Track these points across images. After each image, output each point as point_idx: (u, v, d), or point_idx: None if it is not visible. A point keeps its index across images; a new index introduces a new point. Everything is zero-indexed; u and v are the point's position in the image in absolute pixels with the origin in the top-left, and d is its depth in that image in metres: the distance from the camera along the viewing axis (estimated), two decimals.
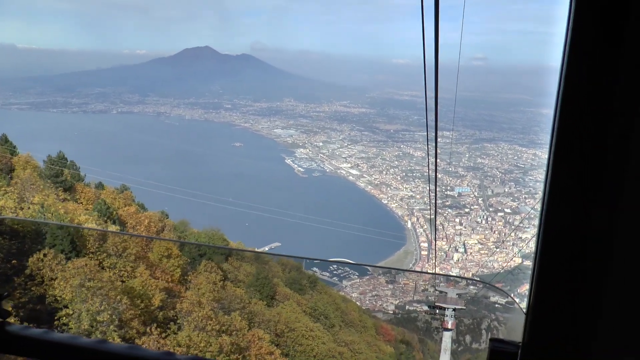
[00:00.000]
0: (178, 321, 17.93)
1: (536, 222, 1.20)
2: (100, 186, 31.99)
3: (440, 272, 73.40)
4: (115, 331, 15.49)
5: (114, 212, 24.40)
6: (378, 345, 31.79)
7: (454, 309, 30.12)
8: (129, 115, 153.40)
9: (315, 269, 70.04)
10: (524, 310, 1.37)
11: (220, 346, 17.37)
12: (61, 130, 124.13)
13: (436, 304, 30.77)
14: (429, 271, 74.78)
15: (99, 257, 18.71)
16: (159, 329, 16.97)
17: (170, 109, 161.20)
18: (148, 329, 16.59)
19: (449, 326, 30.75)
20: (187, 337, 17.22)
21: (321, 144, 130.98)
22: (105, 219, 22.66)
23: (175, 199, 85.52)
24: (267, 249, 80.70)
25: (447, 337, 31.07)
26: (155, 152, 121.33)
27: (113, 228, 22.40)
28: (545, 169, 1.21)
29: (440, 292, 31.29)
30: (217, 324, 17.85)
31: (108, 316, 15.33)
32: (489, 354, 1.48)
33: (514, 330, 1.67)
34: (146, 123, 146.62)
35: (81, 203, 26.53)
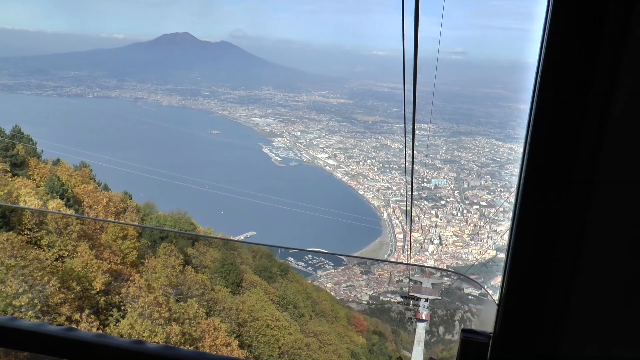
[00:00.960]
0: (123, 307, 16.30)
1: (511, 215, 1.26)
2: (57, 163, 29.82)
3: (415, 263, 73.25)
4: (37, 317, 13.40)
5: (69, 190, 22.46)
6: (350, 336, 30.73)
7: (428, 300, 29.16)
8: (106, 100, 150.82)
9: (290, 258, 69.89)
10: (496, 301, 1.39)
11: (168, 335, 15.63)
12: (34, 113, 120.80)
13: (410, 293, 29.80)
14: (404, 262, 74.49)
15: (36, 235, 16.82)
16: (97, 316, 15.22)
17: (147, 94, 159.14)
18: (80, 316, 14.80)
19: (423, 317, 29.83)
20: (129, 326, 15.62)
21: (299, 133, 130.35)
22: (54, 195, 20.71)
23: (150, 184, 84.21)
24: (242, 237, 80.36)
25: (420, 329, 30.15)
26: (131, 137, 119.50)
27: (63, 208, 20.50)
28: (520, 163, 1.24)
29: (415, 282, 30.41)
30: (167, 311, 16.23)
31: (28, 300, 13.39)
32: (461, 344, 1.50)
33: (486, 321, 1.57)
34: (123, 108, 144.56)
35: (34, 180, 24.47)
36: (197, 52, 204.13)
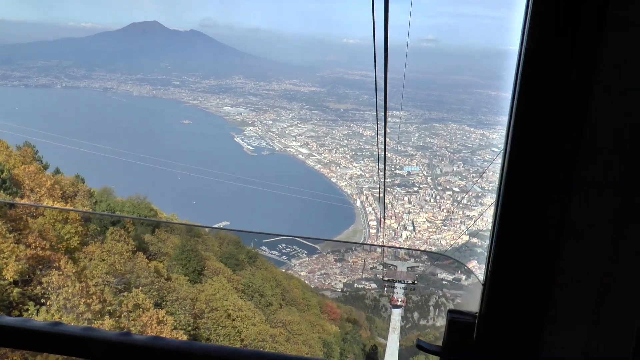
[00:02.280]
0: (45, 300, 14.06)
1: (484, 200, 1.31)
2: None
3: (404, 246, 72.87)
4: None
5: (5, 171, 20.10)
6: (322, 324, 29.37)
7: (405, 284, 27.91)
8: (74, 90, 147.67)
9: (264, 247, 69.35)
10: (482, 281, 1.42)
11: None
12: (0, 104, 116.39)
13: (385, 277, 28.52)
14: (385, 245, 73.82)
15: None
16: (9, 311, 13.06)
17: (117, 84, 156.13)
18: None
19: (399, 303, 28.58)
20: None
21: (270, 122, 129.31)
22: None
23: (120, 173, 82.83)
24: (215, 227, 78.67)
25: (396, 315, 29.00)
26: (102, 128, 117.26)
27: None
28: (504, 145, 1.26)
29: (390, 265, 29.18)
30: (100, 303, 14.20)
31: None
32: (447, 324, 1.52)
33: (462, 306, 1.59)
34: (92, 99, 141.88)
35: None
36: (166, 41, 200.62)
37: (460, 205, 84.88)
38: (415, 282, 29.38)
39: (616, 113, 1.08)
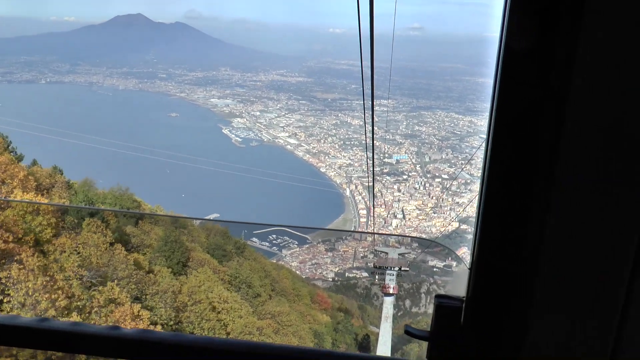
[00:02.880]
0: (2, 297, 13.13)
1: (473, 187, 1.33)
2: None
3: (395, 233, 72.99)
4: None
5: None
6: (313, 314, 28.80)
7: (396, 271, 27.29)
8: (59, 85, 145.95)
9: (254, 239, 69.43)
10: (468, 266, 1.45)
11: None
12: None
13: (375, 265, 27.91)
14: (376, 232, 73.70)
15: None
16: None
17: (102, 78, 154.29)
18: None
19: (391, 291, 28.04)
20: None
21: (258, 113, 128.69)
22: None
23: (108, 167, 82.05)
24: (209, 219, 78.90)
25: (388, 303, 28.46)
26: (87, 122, 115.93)
27: None
28: (487, 131, 1.29)
29: (381, 252, 28.60)
30: (66, 299, 13.29)
31: None
32: (435, 309, 1.56)
33: (453, 293, 1.62)
34: (78, 93, 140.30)
35: None
36: (151, 33, 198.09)
37: (450, 192, 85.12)
38: (407, 269, 28.83)
39: (597, 103, 1.09)
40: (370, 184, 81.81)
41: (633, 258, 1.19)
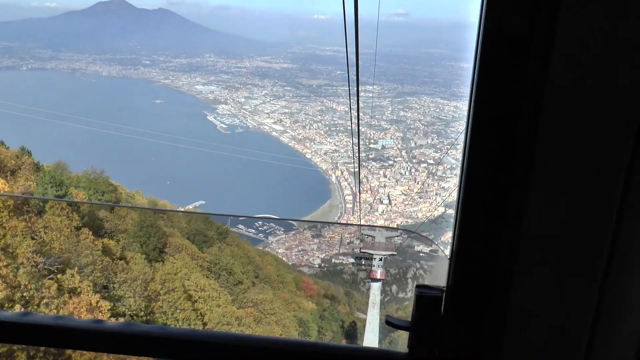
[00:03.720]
0: None
1: (458, 172, 1.37)
2: None
3: (365, 224, 72.93)
4: None
5: None
6: (297, 302, 27.92)
7: (383, 258, 26.44)
8: (41, 72, 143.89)
9: (240, 226, 69.24)
10: (448, 256, 1.47)
11: None
12: None
13: (363, 250, 27.04)
14: (354, 223, 73.52)
15: None
16: None
17: (85, 65, 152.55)
18: None
19: (378, 276, 27.27)
20: None
21: (243, 99, 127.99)
22: None
23: (92, 155, 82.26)
24: (191, 207, 79.16)
25: (375, 289, 27.75)
26: (70, 108, 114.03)
27: None
28: (465, 121, 1.31)
29: (368, 236, 27.74)
30: (8, 289, 11.93)
31: None
32: (415, 299, 1.58)
33: (439, 278, 1.64)
34: (60, 80, 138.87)
35: None
36: (134, 19, 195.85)
37: (436, 177, 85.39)
38: (395, 253, 28.03)
39: (575, 90, 1.11)
40: (356, 169, 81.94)
41: (607, 251, 1.21)
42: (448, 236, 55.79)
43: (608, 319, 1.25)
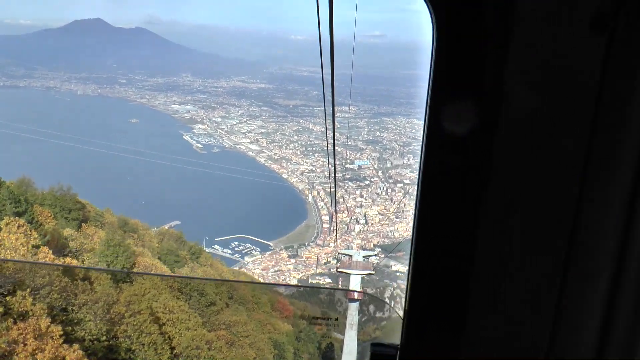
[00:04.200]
0: None
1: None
2: None
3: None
4: None
5: None
6: (273, 323, 26.96)
7: (362, 275, 25.94)
8: (14, 90, 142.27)
9: (216, 246, 68.00)
10: (401, 315, 1.49)
11: None
12: None
13: (339, 270, 26.51)
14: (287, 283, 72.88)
15: None
16: None
17: (60, 83, 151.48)
18: None
19: (355, 296, 26.59)
20: None
21: (220, 119, 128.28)
22: None
23: (65, 175, 79.96)
24: (166, 227, 77.24)
25: (352, 310, 27.12)
26: (43, 126, 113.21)
27: None
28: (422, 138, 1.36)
29: (344, 255, 27.25)
30: None
31: None
32: (370, 358, 1.60)
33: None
34: (34, 98, 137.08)
35: None
36: (111, 38, 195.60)
37: (412, 197, 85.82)
38: (372, 272, 27.54)
39: (530, 98, 1.11)
40: (333, 189, 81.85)
41: (565, 255, 1.21)
42: None
43: (567, 326, 1.24)
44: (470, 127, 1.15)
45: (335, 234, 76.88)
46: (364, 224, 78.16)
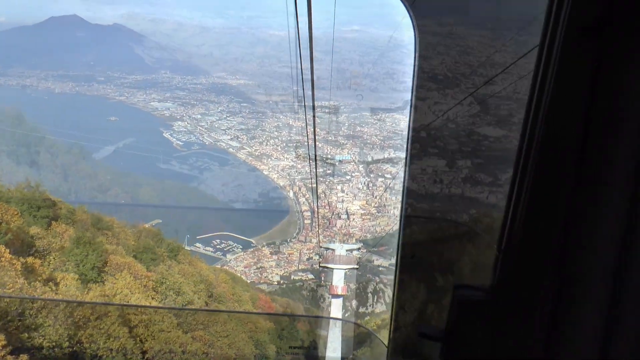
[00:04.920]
0: None
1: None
2: None
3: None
4: None
5: None
6: (254, 321, 26.22)
7: (344, 272, 25.24)
8: None
9: (198, 244, 67.44)
10: (386, 344, 1.41)
11: None
12: None
13: (322, 264, 25.86)
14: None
15: None
16: None
17: (37, 81, 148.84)
18: None
19: (339, 292, 25.94)
20: None
21: (199, 116, 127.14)
22: None
23: (44, 173, 78.66)
24: (147, 225, 76.34)
25: (336, 306, 26.29)
26: (20, 126, 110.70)
27: None
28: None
29: (327, 249, 26.61)
30: None
31: None
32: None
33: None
34: (9, 97, 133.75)
35: None
36: (88, 35, 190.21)
37: (393, 191, 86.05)
38: (356, 267, 26.88)
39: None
40: (314, 185, 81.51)
41: (561, 254, 1.16)
42: None
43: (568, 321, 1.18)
44: (454, 123, 1.05)
45: (317, 229, 76.70)
46: (346, 219, 77.52)
